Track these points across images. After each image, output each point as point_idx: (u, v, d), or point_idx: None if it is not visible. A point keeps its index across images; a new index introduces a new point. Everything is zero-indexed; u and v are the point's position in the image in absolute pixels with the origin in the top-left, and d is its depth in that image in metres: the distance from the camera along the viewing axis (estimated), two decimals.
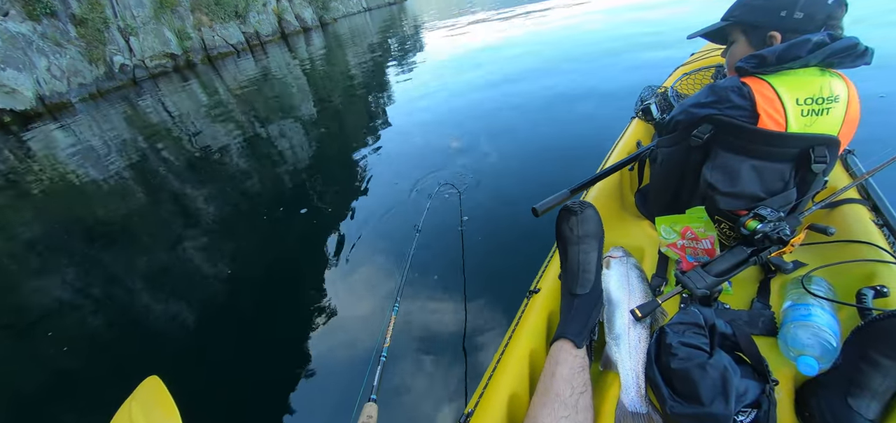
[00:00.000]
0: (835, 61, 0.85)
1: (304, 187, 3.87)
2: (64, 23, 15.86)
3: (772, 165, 0.89)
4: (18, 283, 3.29)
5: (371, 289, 2.29)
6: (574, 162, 2.98)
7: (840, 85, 0.87)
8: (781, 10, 0.89)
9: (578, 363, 0.85)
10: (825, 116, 0.86)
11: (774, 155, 0.88)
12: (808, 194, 0.93)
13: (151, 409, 0.95)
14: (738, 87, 0.90)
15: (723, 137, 0.92)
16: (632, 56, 5.36)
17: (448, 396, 1.59)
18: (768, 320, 0.87)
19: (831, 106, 0.85)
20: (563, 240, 1.07)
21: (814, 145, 0.86)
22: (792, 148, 0.87)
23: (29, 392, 2.16)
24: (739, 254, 0.85)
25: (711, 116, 0.92)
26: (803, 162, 0.87)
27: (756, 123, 0.87)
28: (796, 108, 0.85)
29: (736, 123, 0.88)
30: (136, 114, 10.27)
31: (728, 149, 0.91)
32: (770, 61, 0.86)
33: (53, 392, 2.11)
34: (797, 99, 0.85)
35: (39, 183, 5.96)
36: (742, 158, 0.90)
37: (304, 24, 30.72)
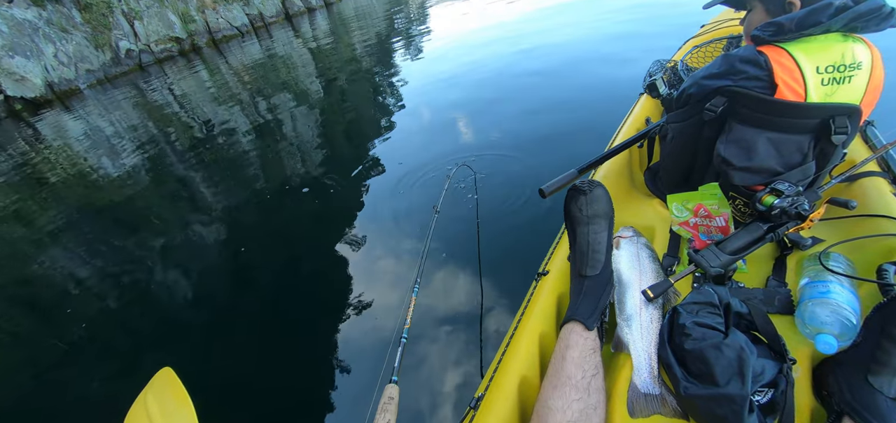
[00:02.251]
0: (858, 26, 0.80)
1: (316, 171, 3.87)
2: (68, 8, 15.84)
3: (790, 138, 0.85)
4: (38, 263, 3.36)
5: (390, 270, 2.30)
6: (581, 141, 2.93)
7: (863, 50, 0.82)
8: None
9: (589, 345, 0.84)
10: (847, 84, 0.81)
11: (793, 127, 0.84)
12: (826, 168, 0.88)
13: (166, 400, 0.97)
14: (753, 56, 0.85)
15: (738, 110, 0.87)
16: (641, 32, 5.21)
17: (464, 377, 1.60)
18: (784, 298, 0.84)
19: (854, 73, 0.81)
20: (571, 220, 1.05)
21: (834, 115, 0.81)
22: (812, 119, 0.82)
23: (50, 364, 2.24)
24: (755, 231, 0.82)
25: (725, 88, 0.87)
26: (823, 133, 0.83)
27: (773, 94, 0.83)
28: (816, 76, 0.81)
29: (752, 94, 0.84)
30: (143, 99, 10.30)
31: (743, 121, 0.87)
32: (789, 28, 0.81)
33: (72, 364, 2.20)
34: (817, 67, 0.81)
35: (52, 169, 6.04)
36: (758, 130, 0.86)
37: (308, 4, 30.30)
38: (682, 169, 1.09)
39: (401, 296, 2.04)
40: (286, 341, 2.05)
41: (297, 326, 2.13)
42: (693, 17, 3.38)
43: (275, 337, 2.10)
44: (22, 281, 3.25)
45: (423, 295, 1.93)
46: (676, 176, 1.12)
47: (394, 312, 1.95)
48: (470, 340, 1.73)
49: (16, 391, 2.14)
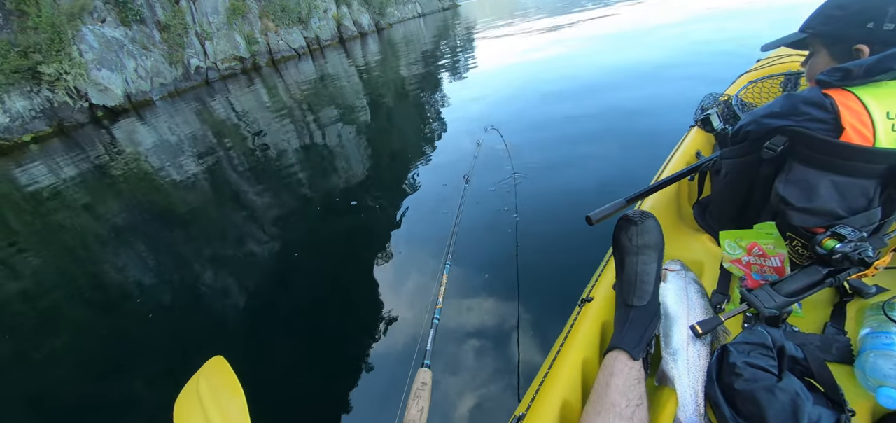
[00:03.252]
0: None
1: (359, 185, 4.05)
2: (150, 28, 17.61)
3: (854, 182, 0.82)
4: (112, 256, 3.71)
5: (421, 265, 2.42)
6: (628, 170, 2.90)
7: None
8: (869, 21, 0.82)
9: (635, 375, 0.84)
10: None
11: (858, 171, 0.81)
12: (894, 214, 0.85)
13: (217, 385, 1.00)
14: (819, 99, 0.83)
15: (799, 150, 0.85)
16: (695, 63, 5.09)
17: (498, 389, 1.62)
18: (844, 347, 0.81)
19: None
20: (620, 249, 1.05)
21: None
22: (879, 164, 0.79)
23: (118, 346, 2.48)
24: (814, 274, 0.80)
25: (787, 128, 0.86)
26: (891, 180, 0.80)
27: (839, 138, 0.81)
28: (887, 122, 0.78)
29: (815, 136, 0.82)
30: (207, 112, 11.17)
31: (805, 162, 0.85)
32: (857, 74, 0.80)
33: (137, 348, 2.41)
34: (888, 113, 0.78)
35: (123, 171, 6.66)
36: (821, 172, 0.83)
37: (361, 29, 31.93)
38: (735, 206, 1.07)
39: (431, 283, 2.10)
40: (321, 332, 2.18)
41: (331, 317, 2.27)
42: (750, 51, 3.29)
43: (311, 329, 2.24)
44: (88, 272, 3.59)
45: (455, 310, 1.98)
46: (729, 212, 1.10)
47: (426, 296, 2.05)
48: (504, 355, 1.74)
49: (79, 369, 2.37)
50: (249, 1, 21.75)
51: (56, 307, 3.11)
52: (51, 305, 3.16)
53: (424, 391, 0.95)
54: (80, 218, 5.05)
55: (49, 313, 3.06)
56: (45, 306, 3.17)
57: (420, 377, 0.98)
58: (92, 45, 15.15)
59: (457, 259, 2.34)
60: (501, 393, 1.59)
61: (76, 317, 2.95)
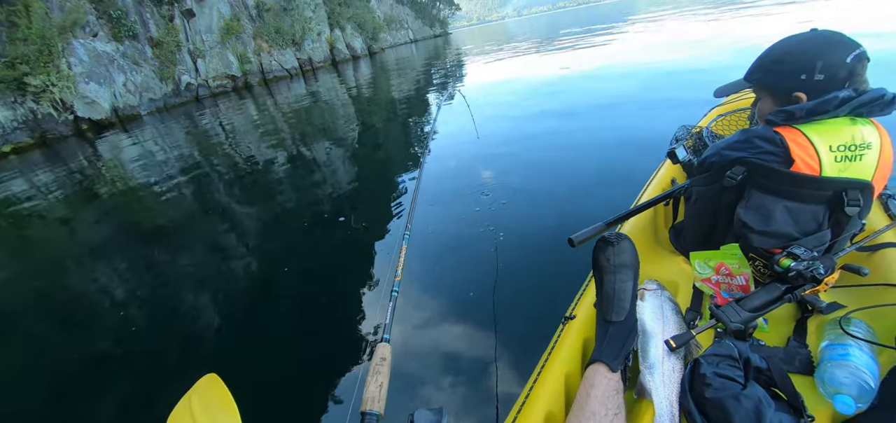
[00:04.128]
0: (863, 112, 0.89)
1: (343, 196, 4.09)
2: (142, 44, 17.62)
3: (805, 207, 0.92)
4: (84, 271, 3.62)
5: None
6: (607, 196, 3.00)
7: (872, 132, 0.91)
8: (801, 73, 0.92)
9: (613, 386, 0.89)
10: (858, 161, 0.89)
11: (808, 197, 0.91)
12: (844, 236, 0.94)
13: (211, 404, 0.97)
14: (770, 135, 0.94)
15: (756, 179, 0.96)
16: (671, 94, 5.33)
17: (484, 402, 1.64)
18: (805, 359, 0.87)
19: (864, 152, 0.89)
20: (599, 269, 1.11)
21: (847, 188, 0.89)
22: (825, 191, 0.90)
23: (102, 363, 2.39)
24: (773, 291, 0.87)
25: (744, 159, 0.96)
26: (837, 205, 0.90)
27: (790, 168, 0.91)
28: (830, 154, 0.89)
29: (769, 166, 0.92)
30: (195, 128, 11.11)
31: (761, 189, 0.95)
32: (799, 116, 0.91)
33: (120, 366, 2.34)
34: (830, 146, 0.89)
35: (104, 185, 6.55)
36: (776, 198, 0.93)
37: (353, 52, 32.49)
38: (703, 229, 1.16)
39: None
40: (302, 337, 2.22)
41: (314, 331, 2.29)
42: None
43: (297, 345, 2.23)
44: (65, 287, 3.48)
45: (440, 325, 2.00)
46: (698, 236, 1.19)
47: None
48: (489, 370, 1.76)
49: (60, 392, 2.25)
50: (244, 21, 21.99)
51: (28, 324, 3.01)
52: (23, 321, 3.06)
53: (383, 366, 0.94)
54: (56, 231, 4.94)
55: (23, 330, 2.96)
56: (17, 322, 3.07)
57: (379, 351, 0.98)
58: (82, 58, 15.08)
59: (439, 280, 2.41)
60: (487, 405, 1.62)
61: (52, 334, 2.85)
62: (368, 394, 0.89)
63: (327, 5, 31.38)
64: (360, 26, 35.11)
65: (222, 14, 21.24)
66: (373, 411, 0.86)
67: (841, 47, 0.89)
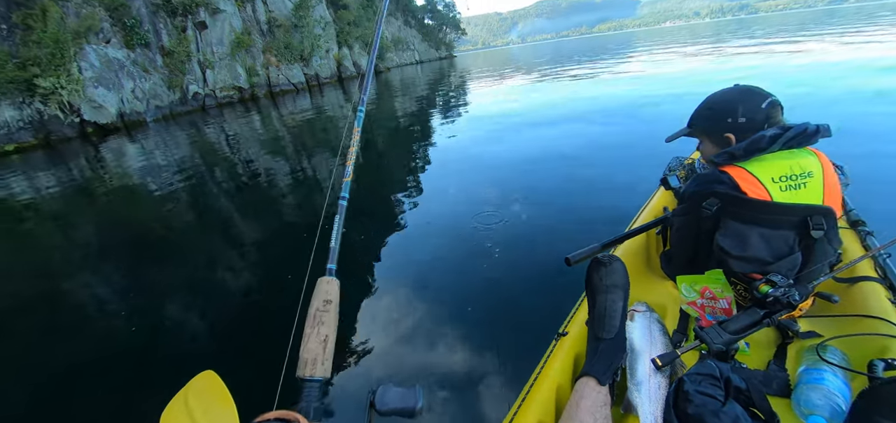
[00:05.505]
0: (794, 145, 1.00)
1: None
2: (153, 53, 17.96)
3: (777, 232, 1.00)
4: (89, 271, 3.64)
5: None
6: (602, 220, 3.06)
7: (811, 161, 1.00)
8: (727, 117, 1.10)
9: (601, 399, 0.93)
10: (804, 189, 0.98)
11: (779, 223, 0.99)
12: (817, 260, 1.00)
13: (208, 400, 0.92)
14: (717, 175, 1.06)
15: (731, 209, 1.04)
16: (668, 123, 5.44)
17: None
18: (783, 382, 0.92)
19: (806, 180, 0.99)
20: (592, 288, 1.17)
21: (812, 214, 0.97)
22: (793, 216, 0.98)
23: (100, 359, 2.40)
24: (753, 315, 0.93)
25: (716, 192, 1.06)
26: (804, 230, 0.98)
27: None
28: (773, 185, 0.99)
29: (742, 197, 1.01)
30: (199, 137, 11.24)
31: (736, 218, 1.04)
32: (738, 155, 1.03)
33: (118, 361, 2.34)
34: (772, 177, 0.99)
35: (104, 188, 6.60)
36: (750, 226, 1.01)
37: (360, 70, 33.06)
38: (685, 255, 1.23)
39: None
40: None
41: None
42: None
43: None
44: (66, 286, 3.49)
45: (438, 340, 2.02)
46: (681, 261, 1.26)
47: None
48: (484, 383, 1.79)
49: (55, 389, 2.25)
50: (255, 35, 22.46)
51: (25, 321, 3.01)
52: (20, 319, 3.06)
53: (328, 313, 0.72)
54: (55, 231, 4.97)
55: (20, 328, 2.96)
56: (14, 320, 3.08)
57: (321, 290, 0.75)
58: (93, 63, 15.34)
59: (437, 294, 2.44)
60: (479, 415, 1.65)
61: (49, 332, 2.85)
62: (307, 353, 0.66)
63: (337, 24, 32.12)
64: (368, 45, 35.73)
65: (234, 28, 21.72)
66: (314, 377, 0.65)
67: (757, 97, 1.07)
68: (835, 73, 7.81)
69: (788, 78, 7.86)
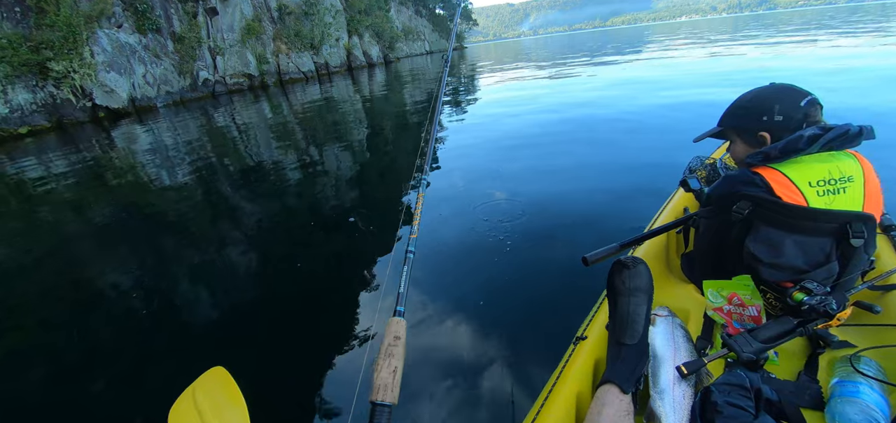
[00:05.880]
0: (834, 147, 0.94)
1: (352, 196, 4.13)
2: (165, 38, 18.01)
3: (813, 240, 0.95)
4: (100, 256, 3.67)
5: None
6: (620, 217, 3.00)
7: (852, 164, 0.95)
8: (763, 115, 1.04)
9: (624, 407, 0.89)
10: (843, 194, 0.93)
11: (815, 230, 0.94)
12: (853, 270, 0.96)
13: (217, 397, 0.92)
14: (749, 178, 1.01)
15: (764, 213, 0.99)
16: (686, 119, 5.35)
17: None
18: (815, 394, 0.88)
19: (846, 185, 0.93)
20: (614, 291, 1.13)
21: (851, 221, 0.92)
22: (831, 223, 0.93)
23: (103, 348, 2.41)
24: (786, 323, 0.89)
25: (749, 194, 1.01)
26: (843, 237, 0.93)
27: None
28: (811, 189, 0.93)
29: (778, 201, 0.96)
30: (209, 123, 11.28)
31: (769, 223, 0.98)
32: (773, 156, 0.97)
33: (125, 352, 2.34)
34: (809, 182, 0.94)
35: (115, 173, 6.64)
36: (784, 232, 0.96)
37: (370, 60, 32.99)
38: (709, 261, 1.19)
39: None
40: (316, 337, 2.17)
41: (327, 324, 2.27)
42: None
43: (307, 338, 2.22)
44: (76, 270, 3.51)
45: (447, 335, 2.00)
46: (706, 266, 1.21)
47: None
48: (498, 386, 1.74)
49: (64, 374, 2.25)
50: (265, 23, 22.42)
51: (35, 305, 3.03)
52: (31, 303, 3.09)
53: (397, 346, 0.83)
54: (68, 214, 5.01)
55: (30, 311, 2.99)
56: (24, 303, 3.11)
57: (392, 329, 0.86)
58: (105, 48, 15.43)
59: (448, 288, 2.41)
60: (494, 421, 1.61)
61: (58, 316, 2.86)
62: (380, 381, 0.76)
63: (347, 12, 31.96)
64: (378, 35, 35.63)
65: (245, 14, 21.70)
66: (385, 402, 0.74)
67: (795, 94, 1.02)
68: (868, 70, 7.43)
69: (820, 75, 7.51)
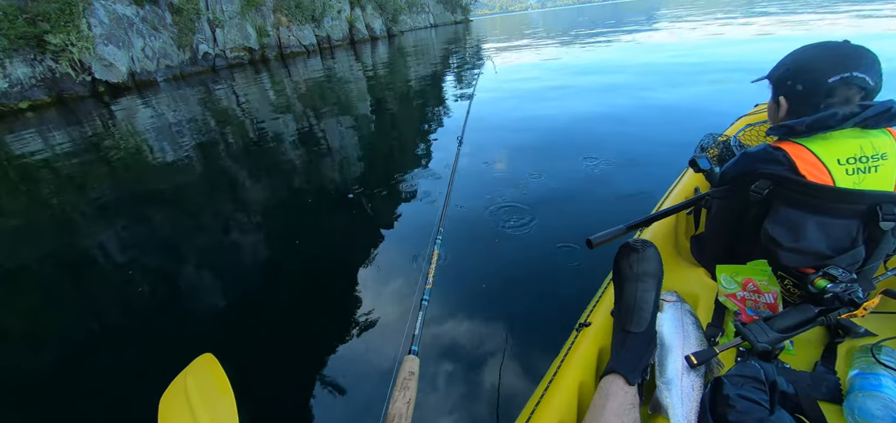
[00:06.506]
0: (869, 125, 0.85)
1: (355, 175, 4.10)
2: (162, 10, 17.63)
3: (838, 222, 0.87)
4: (97, 233, 3.64)
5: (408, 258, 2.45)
6: (627, 198, 2.91)
7: (887, 141, 0.87)
8: (789, 80, 0.97)
9: (629, 399, 0.85)
10: (874, 173, 0.85)
11: (841, 211, 0.87)
12: (880, 255, 0.89)
13: (206, 384, 0.95)
14: (771, 155, 0.93)
15: (784, 193, 0.91)
16: (696, 93, 5.20)
17: (488, 409, 1.60)
18: (833, 386, 0.84)
19: (879, 163, 0.85)
20: (620, 276, 1.08)
21: (882, 202, 0.84)
22: (859, 204, 0.85)
23: (98, 330, 2.39)
24: (806, 312, 0.83)
25: (769, 172, 0.93)
26: (871, 219, 0.85)
27: None
28: (839, 167, 0.85)
29: (800, 180, 0.88)
30: (210, 98, 11.14)
31: (790, 204, 0.91)
32: (800, 130, 0.89)
33: (116, 334, 2.32)
34: (838, 159, 0.86)
35: (117, 149, 6.58)
36: (807, 213, 0.89)
37: (372, 33, 32.31)
38: (723, 243, 1.12)
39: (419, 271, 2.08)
40: (316, 332, 2.14)
41: (320, 311, 2.26)
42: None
43: (301, 321, 2.22)
44: (72, 248, 3.48)
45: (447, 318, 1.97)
46: (718, 249, 1.15)
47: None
48: (494, 374, 1.70)
49: (50, 362, 2.18)
50: None
51: (30, 282, 3.01)
52: (25, 279, 3.06)
53: (411, 381, 0.90)
54: (68, 190, 4.98)
55: (25, 288, 2.95)
56: (19, 279, 3.09)
57: (407, 365, 0.94)
58: (102, 20, 15.13)
59: (449, 267, 2.38)
60: (492, 409, 1.57)
61: (51, 295, 2.83)
62: (395, 410, 0.84)
63: None
64: (381, 7, 34.76)
65: None
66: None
67: (833, 66, 0.88)
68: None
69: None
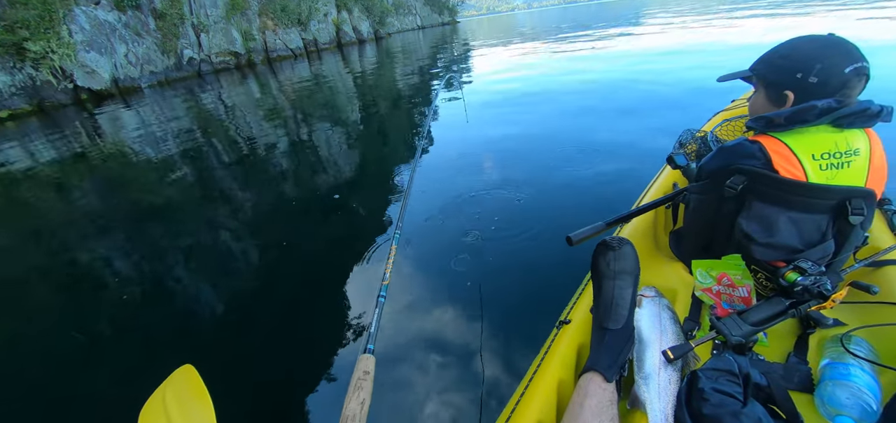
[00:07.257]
0: (844, 123, 0.86)
1: (341, 179, 4.06)
2: (145, 15, 17.39)
3: (809, 217, 0.89)
4: (78, 243, 3.58)
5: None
6: (607, 195, 2.95)
7: (859, 138, 0.88)
8: (798, 72, 0.91)
9: (607, 397, 0.86)
10: (846, 168, 0.87)
11: (812, 207, 0.88)
12: (846, 248, 0.92)
13: (185, 397, 0.94)
14: (748, 148, 0.93)
15: (758, 188, 0.92)
16: (678, 94, 5.27)
17: (471, 408, 1.59)
18: (805, 376, 0.85)
19: (851, 159, 0.86)
20: (598, 274, 1.08)
21: (851, 197, 0.86)
22: (829, 200, 0.87)
23: (64, 351, 2.30)
24: (777, 305, 0.84)
25: (743, 168, 0.94)
26: (841, 214, 0.87)
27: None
28: (813, 162, 0.87)
29: (773, 176, 0.89)
30: (195, 104, 11.00)
31: (763, 200, 0.92)
32: (778, 123, 0.89)
33: (87, 354, 2.24)
34: (813, 154, 0.87)
35: (101, 157, 6.46)
36: (779, 209, 0.90)
37: (359, 36, 32.22)
38: (701, 238, 1.14)
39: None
40: (296, 339, 2.09)
41: (305, 324, 2.19)
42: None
43: (285, 338, 2.14)
44: (53, 258, 3.41)
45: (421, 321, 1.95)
46: (697, 244, 1.16)
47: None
48: (473, 373, 1.69)
49: (31, 373, 2.14)
50: None
51: (10, 292, 2.95)
52: (2, 286, 3.01)
53: (366, 381, 0.88)
54: (50, 200, 4.88)
55: (4, 298, 2.90)
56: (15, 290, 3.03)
57: (362, 364, 0.91)
58: (83, 26, 14.87)
59: (423, 267, 2.37)
60: (471, 409, 1.56)
61: (30, 306, 2.77)
62: (348, 411, 0.82)
63: None
64: (368, 9, 34.71)
65: None
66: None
67: (844, 56, 0.87)
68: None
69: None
